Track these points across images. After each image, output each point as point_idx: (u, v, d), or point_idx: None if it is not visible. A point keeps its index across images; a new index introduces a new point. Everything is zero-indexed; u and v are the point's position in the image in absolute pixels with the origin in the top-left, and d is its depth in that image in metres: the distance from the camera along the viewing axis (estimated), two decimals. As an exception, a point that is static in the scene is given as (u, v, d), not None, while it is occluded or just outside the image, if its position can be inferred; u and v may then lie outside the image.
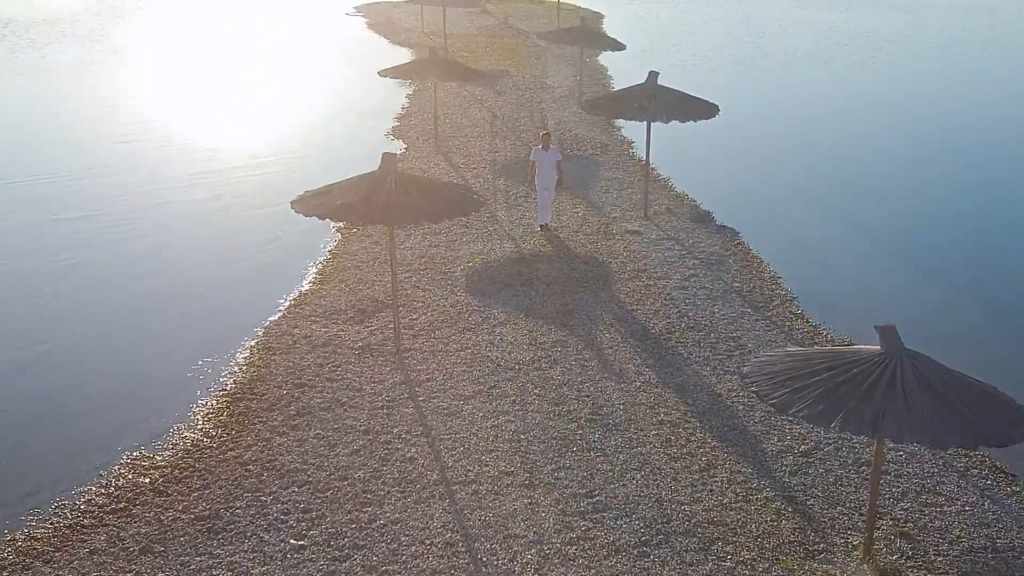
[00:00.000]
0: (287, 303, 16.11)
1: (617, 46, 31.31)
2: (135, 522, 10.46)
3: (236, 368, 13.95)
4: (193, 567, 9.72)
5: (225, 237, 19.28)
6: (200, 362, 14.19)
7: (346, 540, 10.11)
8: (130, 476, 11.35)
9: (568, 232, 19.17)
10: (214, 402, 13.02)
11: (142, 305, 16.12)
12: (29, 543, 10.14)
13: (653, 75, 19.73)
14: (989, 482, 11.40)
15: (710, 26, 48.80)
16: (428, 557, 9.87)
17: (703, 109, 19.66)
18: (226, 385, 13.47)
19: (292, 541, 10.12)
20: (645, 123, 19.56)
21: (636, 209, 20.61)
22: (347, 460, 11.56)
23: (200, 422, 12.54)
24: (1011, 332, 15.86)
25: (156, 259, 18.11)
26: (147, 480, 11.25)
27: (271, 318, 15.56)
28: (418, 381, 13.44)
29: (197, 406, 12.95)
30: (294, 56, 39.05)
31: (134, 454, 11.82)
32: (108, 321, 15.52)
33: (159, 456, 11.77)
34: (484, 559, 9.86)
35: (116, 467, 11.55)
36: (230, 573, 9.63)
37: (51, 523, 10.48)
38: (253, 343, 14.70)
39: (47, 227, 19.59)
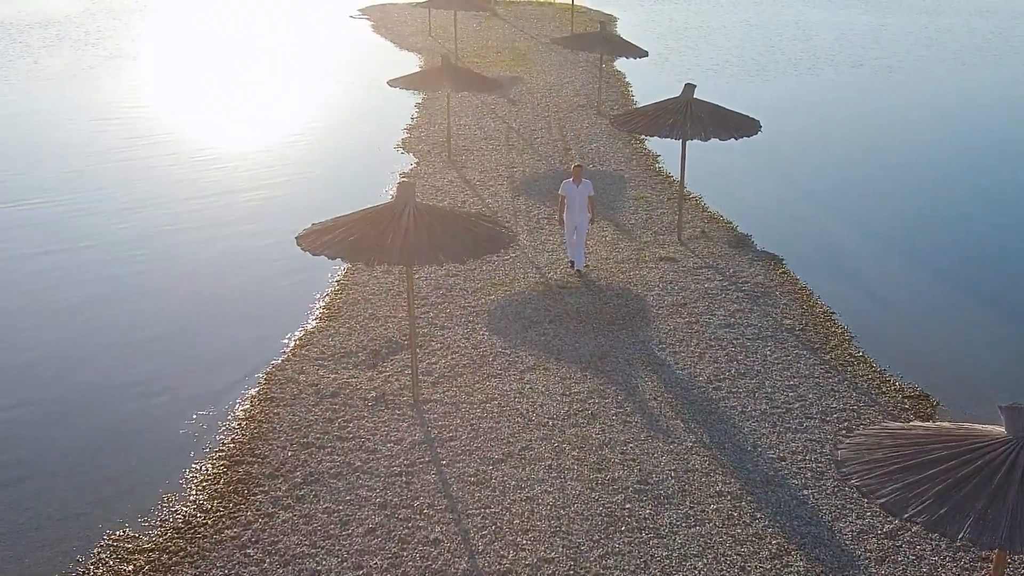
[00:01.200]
0: (291, 343, 14.58)
1: (639, 53, 29.66)
2: (115, 625, 8.94)
3: (235, 423, 12.42)
4: None
5: (223, 268, 17.71)
6: (194, 416, 12.65)
7: (362, 652, 8.57)
8: (112, 563, 9.82)
9: (597, 259, 17.59)
10: (209, 466, 11.49)
11: (129, 349, 14.54)
12: (-11, 655, 8.63)
13: (689, 88, 18.17)
14: (1106, 571, 9.85)
15: (728, 29, 47.21)
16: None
17: (744, 125, 18.08)
18: (223, 444, 11.95)
19: (299, 654, 8.59)
20: (680, 141, 17.97)
21: (668, 232, 19.02)
22: (361, 543, 10.02)
23: (193, 491, 11.01)
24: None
25: (143, 295, 16.54)
26: (131, 568, 9.72)
27: (273, 361, 14.03)
28: (440, 440, 11.90)
29: (190, 471, 11.43)
30: (297, 62, 37.51)
31: (117, 533, 10.30)
32: (89, 369, 13.94)
33: (145, 536, 10.25)
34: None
35: (96, 551, 10.03)
36: None
37: (16, 627, 8.98)
38: (254, 392, 13.17)
39: (25, 260, 18.08)
